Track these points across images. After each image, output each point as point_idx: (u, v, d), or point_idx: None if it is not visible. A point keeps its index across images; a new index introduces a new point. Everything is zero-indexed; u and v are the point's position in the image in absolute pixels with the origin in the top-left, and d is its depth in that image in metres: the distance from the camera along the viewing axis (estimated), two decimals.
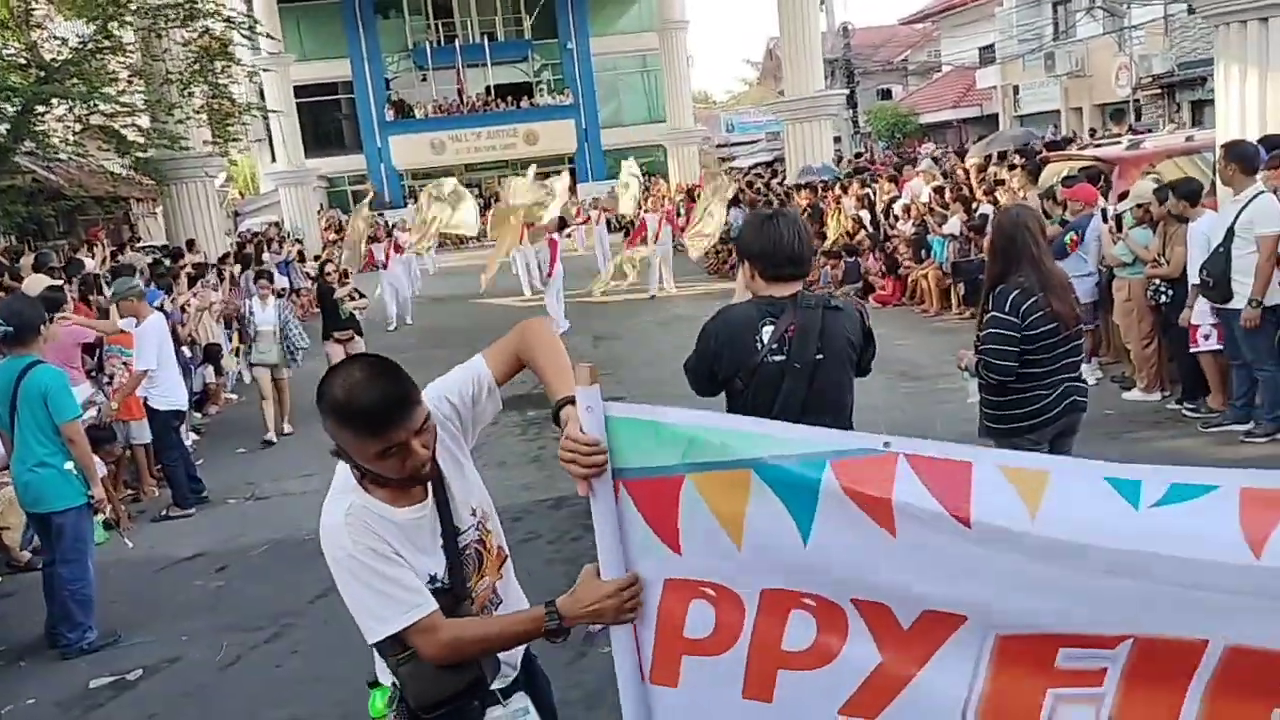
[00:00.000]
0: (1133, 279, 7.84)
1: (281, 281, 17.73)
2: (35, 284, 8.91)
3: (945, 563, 1.69)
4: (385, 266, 17.05)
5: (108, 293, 8.97)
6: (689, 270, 16.75)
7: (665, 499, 1.91)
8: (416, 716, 2.13)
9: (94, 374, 7.96)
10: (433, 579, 2.13)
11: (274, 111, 22.78)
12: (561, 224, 15.54)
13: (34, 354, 5.28)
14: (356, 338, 10.46)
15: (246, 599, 5.81)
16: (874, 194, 15.82)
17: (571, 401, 1.93)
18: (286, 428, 9.71)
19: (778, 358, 3.12)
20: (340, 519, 2.05)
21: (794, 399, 3.12)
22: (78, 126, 15.20)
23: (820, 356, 3.14)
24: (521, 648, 2.29)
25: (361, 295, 10.82)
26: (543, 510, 6.80)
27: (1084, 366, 8.54)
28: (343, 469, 2.12)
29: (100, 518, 5.71)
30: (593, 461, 1.87)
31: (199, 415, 10.28)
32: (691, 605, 1.96)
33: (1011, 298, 4.12)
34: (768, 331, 3.14)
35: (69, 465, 5.21)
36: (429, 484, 2.14)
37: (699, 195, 17.51)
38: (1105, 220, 8.57)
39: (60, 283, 8.97)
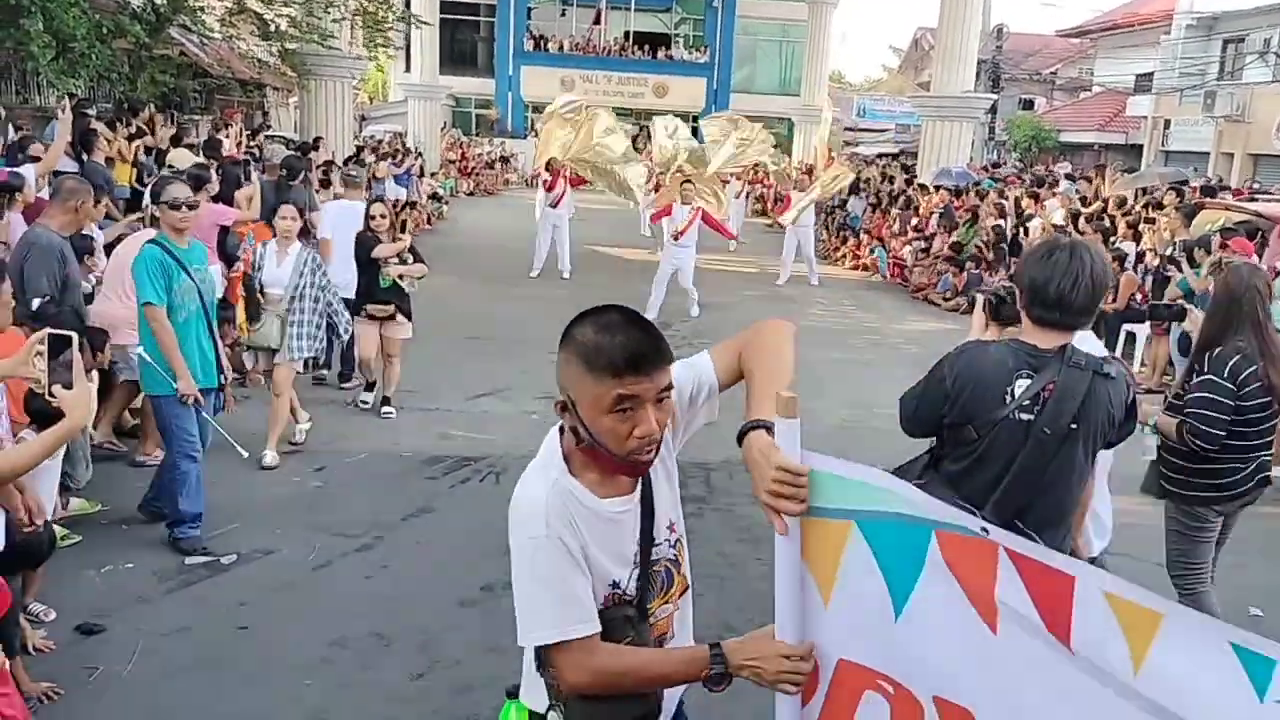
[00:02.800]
0: None
1: (398, 193, 17.90)
2: (180, 158, 9.14)
3: (1048, 678, 1.47)
4: (556, 205, 14.63)
5: (254, 179, 9.12)
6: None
7: None
8: None
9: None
10: (615, 585, 1.95)
11: (424, 23, 22.84)
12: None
13: (162, 232, 5.14)
14: (400, 318, 7.55)
15: (341, 504, 5.90)
16: (1007, 206, 15.38)
17: (764, 426, 1.74)
18: (269, 456, 6.36)
19: (1025, 416, 2.72)
20: (543, 497, 1.87)
21: (1032, 469, 2.74)
22: (235, 8, 15.51)
23: (1074, 426, 2.71)
24: (677, 693, 2.09)
25: (417, 258, 7.67)
26: None
27: None
28: (550, 440, 1.97)
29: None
30: (802, 495, 1.68)
31: None
32: None
33: (1232, 363, 3.85)
34: (1021, 386, 2.73)
35: (139, 350, 5.09)
36: (639, 482, 1.96)
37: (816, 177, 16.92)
38: None
39: (206, 161, 9.16)
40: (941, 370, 2.87)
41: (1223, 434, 3.85)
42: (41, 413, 3.87)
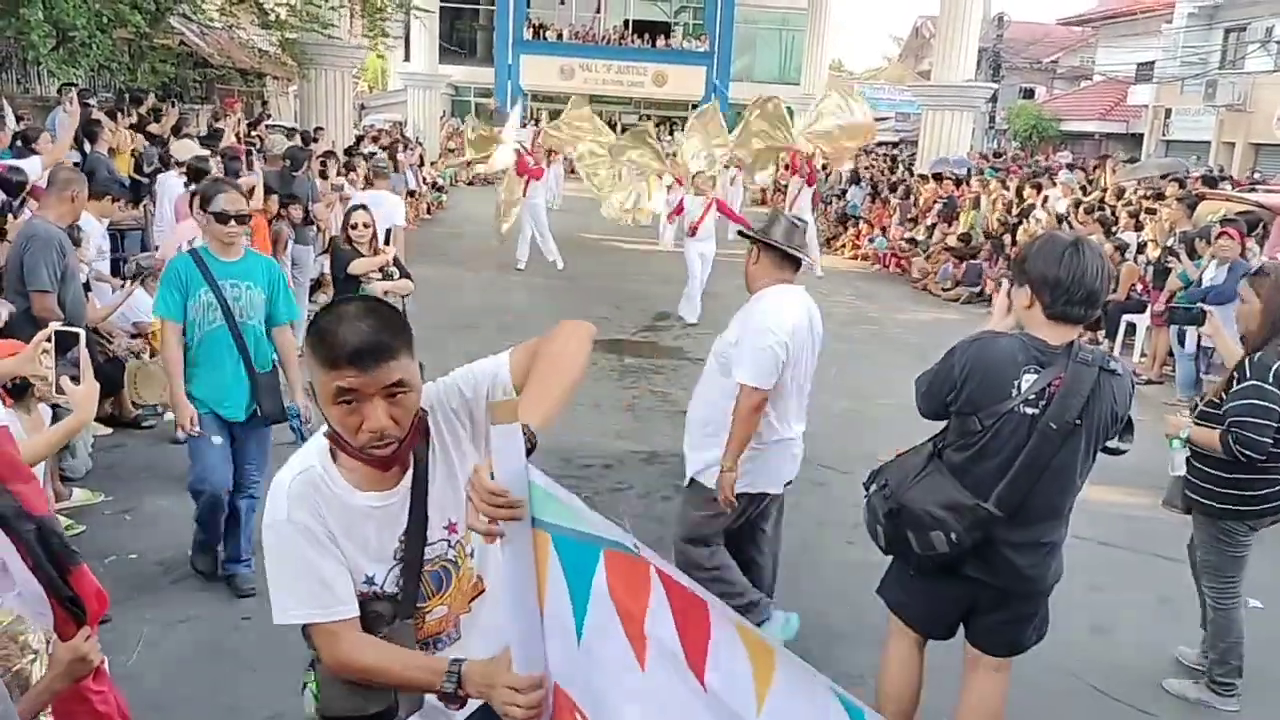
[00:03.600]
0: None
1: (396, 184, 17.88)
2: (182, 149, 9.11)
3: None
4: (524, 193, 14.16)
5: (257, 168, 9.12)
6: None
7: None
8: None
9: None
10: (370, 581, 1.92)
11: (425, 11, 22.72)
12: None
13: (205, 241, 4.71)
14: None
15: None
16: (1010, 197, 15.38)
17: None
18: None
19: (1030, 410, 2.77)
20: (287, 483, 1.87)
21: (1036, 463, 2.77)
22: None
23: (1079, 422, 2.76)
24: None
25: (404, 273, 6.79)
26: (635, 462, 6.79)
27: None
28: (325, 425, 1.92)
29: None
30: (500, 515, 1.55)
31: (310, 303, 10.37)
32: None
33: (1275, 368, 3.70)
34: (1028, 380, 2.77)
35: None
36: (408, 477, 1.91)
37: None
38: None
39: (208, 153, 9.14)
40: (952, 357, 2.90)
41: (1270, 442, 3.68)
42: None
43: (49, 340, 2.58)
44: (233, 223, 4.45)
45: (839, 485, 6.42)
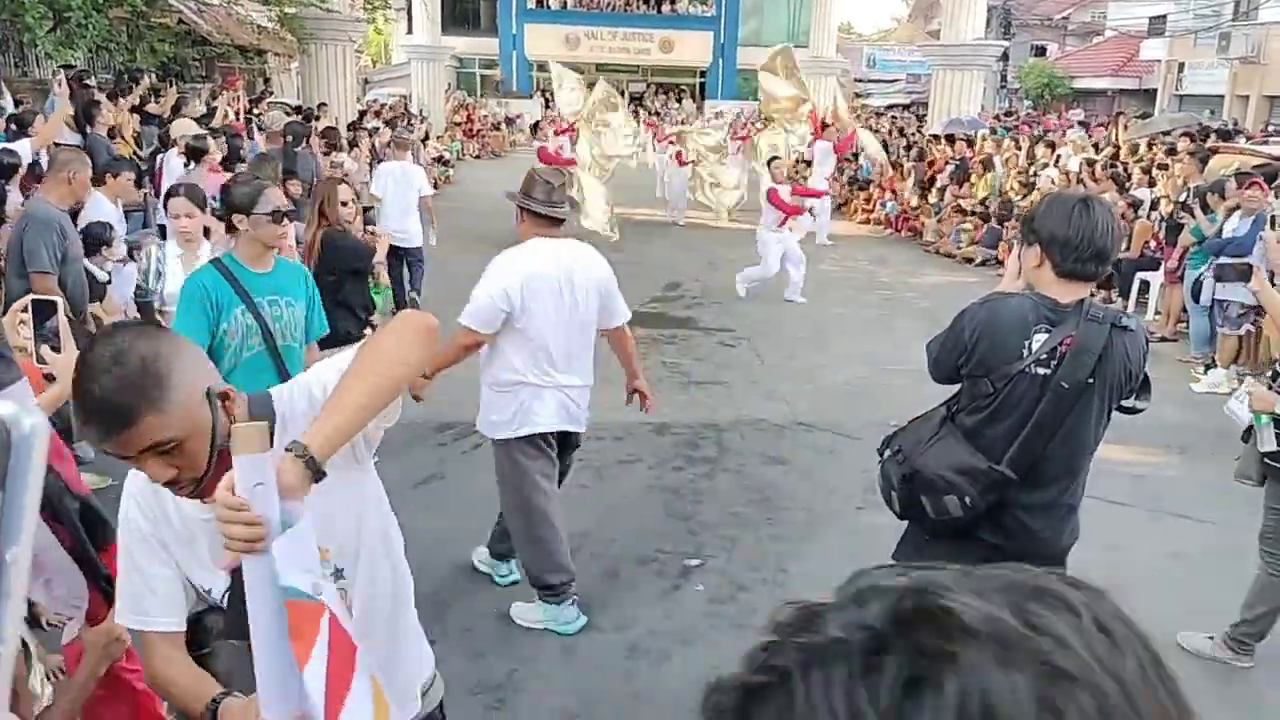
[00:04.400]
0: None
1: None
2: (182, 128, 9.06)
3: None
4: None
5: (259, 138, 9.08)
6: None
7: None
8: None
9: None
10: (208, 592, 1.83)
11: None
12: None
13: (231, 249, 4.35)
14: None
15: None
16: (1021, 159, 15.21)
17: (294, 447, 1.52)
18: None
19: (1042, 370, 2.73)
20: (130, 486, 1.80)
21: (1049, 423, 2.75)
22: None
23: (1091, 381, 2.73)
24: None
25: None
26: (645, 433, 6.74)
27: (1220, 373, 8.21)
28: None
29: None
30: (248, 534, 1.40)
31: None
32: None
33: None
34: (1039, 339, 2.74)
35: None
36: None
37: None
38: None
39: (205, 133, 9.09)
40: (962, 320, 2.87)
41: None
42: None
43: (25, 310, 2.54)
44: (286, 220, 4.00)
45: (849, 451, 6.37)
